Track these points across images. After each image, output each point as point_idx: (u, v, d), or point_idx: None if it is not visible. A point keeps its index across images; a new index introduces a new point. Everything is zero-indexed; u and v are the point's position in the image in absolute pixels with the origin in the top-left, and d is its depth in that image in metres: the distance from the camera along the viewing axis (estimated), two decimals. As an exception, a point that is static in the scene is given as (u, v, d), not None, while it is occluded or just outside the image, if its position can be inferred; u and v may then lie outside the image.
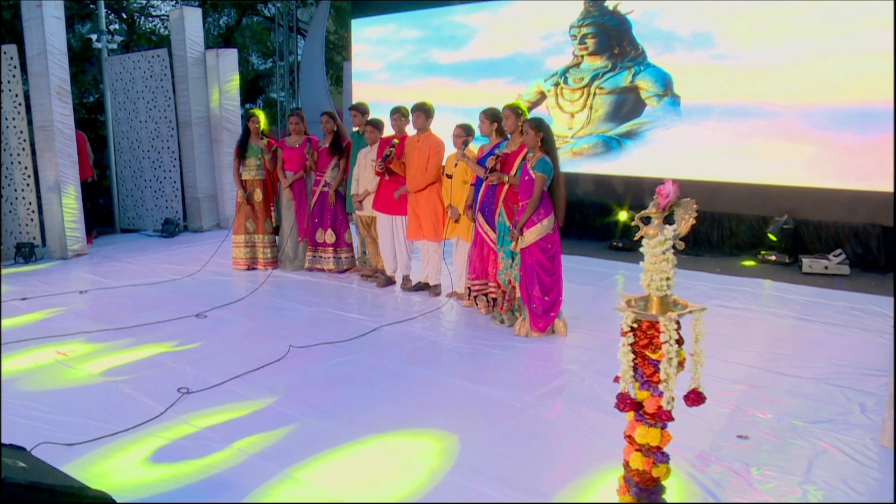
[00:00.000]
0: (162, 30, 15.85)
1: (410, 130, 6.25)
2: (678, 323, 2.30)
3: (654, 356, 2.29)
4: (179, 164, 9.31)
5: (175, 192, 9.32)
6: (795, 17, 7.41)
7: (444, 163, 6.07)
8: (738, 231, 8.05)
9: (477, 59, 9.92)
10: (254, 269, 7.25)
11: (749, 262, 7.56)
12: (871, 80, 7.04)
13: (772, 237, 7.51)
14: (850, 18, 7.11)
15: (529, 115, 5.24)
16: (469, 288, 5.80)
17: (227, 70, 9.24)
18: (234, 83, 9.34)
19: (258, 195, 7.20)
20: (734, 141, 7.92)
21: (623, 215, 8.42)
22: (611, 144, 8.78)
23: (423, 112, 6.03)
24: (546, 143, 4.92)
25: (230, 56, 9.32)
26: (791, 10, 7.41)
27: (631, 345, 2.36)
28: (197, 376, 4.21)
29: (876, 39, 6.96)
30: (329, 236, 7.06)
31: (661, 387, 2.31)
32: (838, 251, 7.10)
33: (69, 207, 7.67)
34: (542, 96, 9.33)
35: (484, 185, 5.51)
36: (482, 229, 5.55)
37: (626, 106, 8.65)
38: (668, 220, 2.40)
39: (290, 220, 7.19)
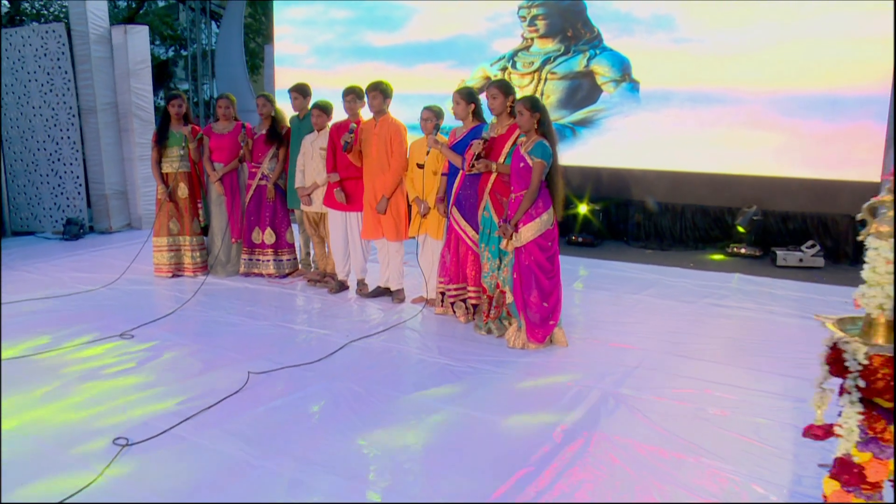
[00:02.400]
0: (52, 8, 14.17)
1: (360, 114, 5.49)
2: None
3: (886, 404, 1.64)
4: (82, 157, 8.09)
5: (78, 189, 8.10)
6: (762, 0, 7.09)
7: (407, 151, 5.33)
8: (703, 223, 7.71)
9: (415, 42, 9.17)
10: (180, 275, 6.26)
11: (718, 256, 7.22)
12: (841, 66, 6.82)
13: (741, 229, 7.19)
14: (819, 2, 6.86)
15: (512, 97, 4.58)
16: (442, 293, 5.09)
17: (137, 49, 8.10)
18: (145, 64, 8.20)
19: (182, 190, 6.20)
20: (697, 129, 7.56)
21: (583, 208, 7.92)
22: (564, 133, 8.25)
23: (381, 92, 5.26)
24: (543, 124, 4.29)
25: (140, 33, 8.18)
26: (756, -9, 7.10)
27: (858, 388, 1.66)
28: (134, 419, 3.31)
29: (846, 24, 6.73)
30: (268, 236, 6.16)
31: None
32: (810, 243, 6.85)
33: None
34: (489, 81, 8.68)
35: (460, 175, 4.82)
36: (458, 226, 4.85)
37: (581, 92, 8.15)
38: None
39: (221, 219, 6.24)
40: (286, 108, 6.19)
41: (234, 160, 6.13)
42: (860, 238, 1.78)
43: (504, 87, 4.57)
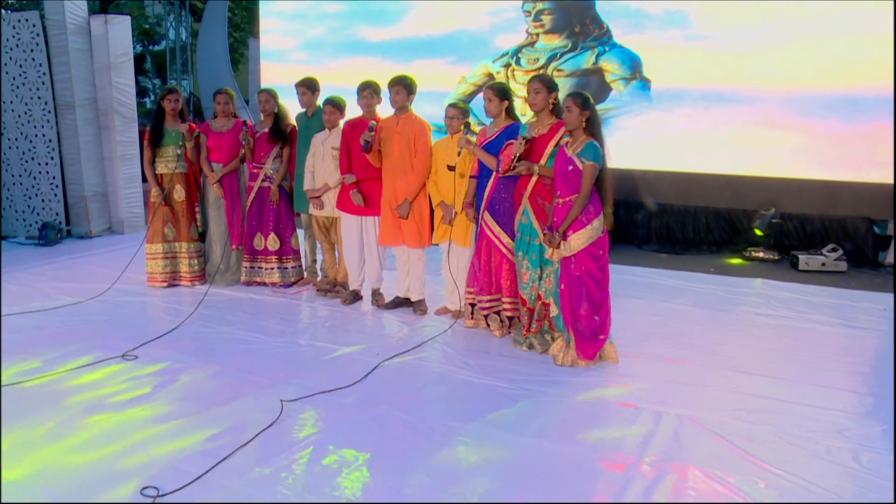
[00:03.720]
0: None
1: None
2: None
3: None
4: (59, 156, 7.50)
5: (54, 191, 7.51)
6: (779, -4, 6.88)
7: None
8: (717, 226, 7.47)
9: (412, 37, 8.78)
10: (176, 285, 5.77)
11: (736, 260, 6.98)
12: (861, 64, 6.63)
13: (758, 232, 6.97)
14: (838, -2, 6.67)
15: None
16: (472, 304, 4.72)
17: (118, 40, 7.54)
18: (127, 57, 7.65)
19: (179, 193, 5.71)
20: (711, 129, 7.32)
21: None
22: (571, 133, 7.94)
23: (405, 87, 4.87)
24: (592, 123, 3.95)
25: (122, 24, 7.62)
26: (774, -13, 6.88)
27: None
28: (160, 461, 2.87)
29: (865, 21, 6.54)
30: (272, 242, 5.72)
31: None
32: (831, 246, 6.65)
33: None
34: (491, 78, 8.34)
35: (493, 177, 4.46)
36: (491, 232, 4.49)
37: (589, 90, 7.82)
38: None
39: (220, 224, 5.78)
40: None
41: (234, 160, 5.68)
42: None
43: (548, 82, 4.22)
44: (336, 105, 5.27)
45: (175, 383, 3.69)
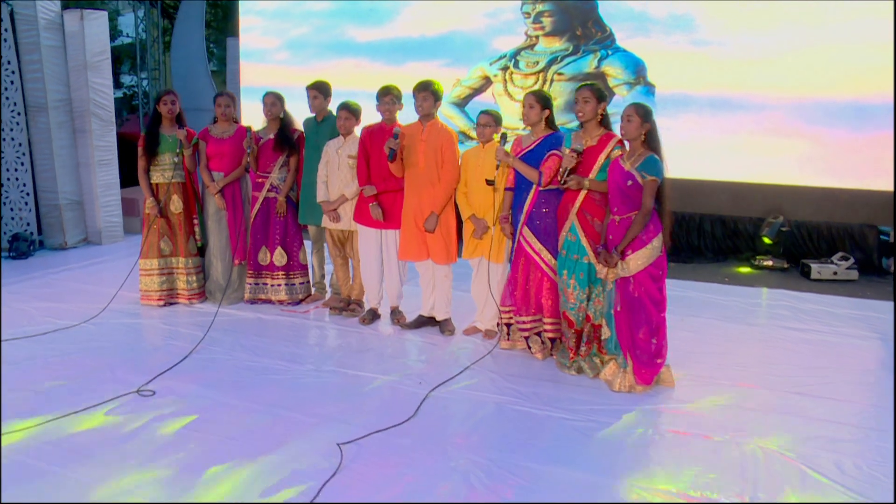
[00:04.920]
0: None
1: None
2: None
3: None
4: (30, 162, 6.94)
5: (25, 199, 6.95)
6: (786, 2, 6.79)
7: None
8: (722, 234, 7.37)
9: (404, 38, 8.45)
10: (173, 303, 5.35)
11: (745, 269, 6.87)
12: (869, 72, 6.58)
13: (766, 240, 6.88)
14: (847, 5, 6.61)
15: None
16: (507, 324, 4.46)
17: (95, 37, 7.02)
18: (105, 55, 7.13)
19: (176, 204, 5.30)
20: (717, 136, 7.20)
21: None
22: (571, 138, 7.74)
23: (433, 94, 4.57)
24: (652, 136, 3.74)
25: (99, 19, 7.09)
26: (782, -7, 6.80)
27: None
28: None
29: (874, 29, 6.50)
30: (278, 257, 5.34)
31: None
32: (841, 255, 6.61)
33: None
34: (487, 82, 8.09)
35: (532, 190, 4.21)
36: (531, 249, 4.24)
37: (591, 95, 7.64)
38: None
39: (221, 237, 5.37)
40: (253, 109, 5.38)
41: (236, 169, 5.29)
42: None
43: (598, 92, 3.98)
44: (353, 111, 4.94)
45: (206, 424, 3.32)
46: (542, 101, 4.22)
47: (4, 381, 3.77)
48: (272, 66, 9.16)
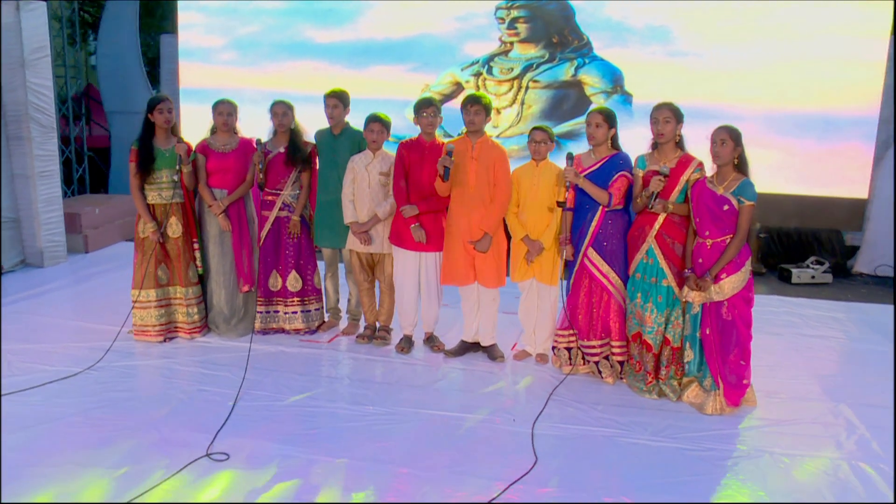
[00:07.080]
0: None
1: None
2: None
3: None
4: (-39, 176, 6.00)
5: (-45, 219, 5.99)
6: (760, 17, 7.05)
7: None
8: (698, 241, 7.56)
9: (367, 40, 8.05)
10: (172, 338, 4.76)
11: (726, 275, 7.07)
12: (834, 87, 6.98)
13: (745, 247, 7.12)
14: (815, 22, 6.96)
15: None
16: (567, 349, 4.28)
17: (33, 32, 6.15)
18: (44, 52, 6.27)
19: (174, 228, 4.71)
20: (693, 146, 7.32)
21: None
22: (545, 147, 7.68)
23: (484, 108, 4.31)
24: (744, 160, 3.68)
25: (37, 11, 6.21)
26: (756, 9, 7.04)
27: None
28: None
29: (840, 47, 6.90)
30: (292, 282, 4.88)
31: None
32: (814, 259, 6.95)
33: None
34: (459, 88, 7.87)
35: (599, 211, 4.06)
36: (598, 271, 4.09)
37: (567, 102, 7.63)
38: None
39: (224, 262, 4.83)
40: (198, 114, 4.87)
41: (241, 185, 4.78)
42: None
43: (677, 112, 3.89)
44: (385, 124, 4.58)
45: (316, 493, 2.90)
46: (609, 119, 4.09)
47: (31, 451, 3.16)
48: (217, 66, 8.50)
